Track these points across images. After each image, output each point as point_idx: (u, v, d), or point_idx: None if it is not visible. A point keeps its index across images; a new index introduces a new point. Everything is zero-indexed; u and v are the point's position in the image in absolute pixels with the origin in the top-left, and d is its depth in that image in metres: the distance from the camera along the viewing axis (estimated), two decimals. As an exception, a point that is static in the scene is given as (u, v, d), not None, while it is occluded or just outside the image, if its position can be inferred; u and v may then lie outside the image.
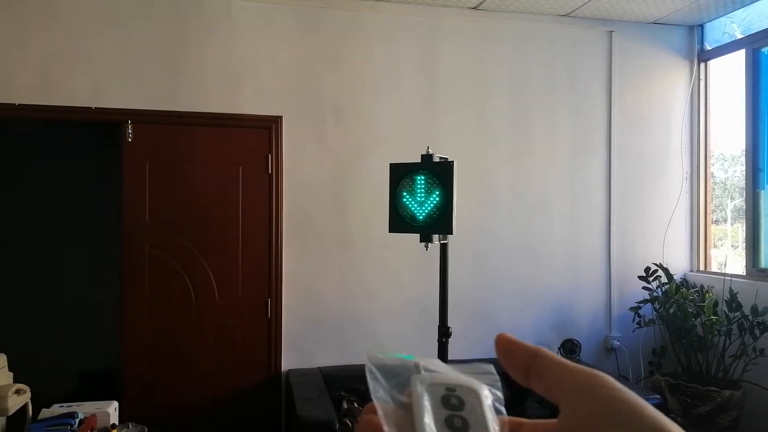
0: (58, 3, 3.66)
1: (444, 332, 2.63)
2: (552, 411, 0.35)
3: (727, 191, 4.74)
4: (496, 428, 0.35)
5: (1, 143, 5.07)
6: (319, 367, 3.96)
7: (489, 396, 0.36)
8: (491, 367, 0.38)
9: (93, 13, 3.70)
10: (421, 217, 2.42)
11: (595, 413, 0.32)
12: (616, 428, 0.30)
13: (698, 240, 4.65)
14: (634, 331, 4.36)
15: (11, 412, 2.21)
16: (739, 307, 3.87)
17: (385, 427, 0.34)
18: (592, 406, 0.32)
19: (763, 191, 4.21)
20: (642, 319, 4.24)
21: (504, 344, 0.38)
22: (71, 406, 2.34)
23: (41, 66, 3.63)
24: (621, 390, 0.32)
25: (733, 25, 4.45)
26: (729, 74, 4.56)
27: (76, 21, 3.68)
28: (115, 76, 3.73)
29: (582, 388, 0.33)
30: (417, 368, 0.37)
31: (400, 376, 0.37)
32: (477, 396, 0.36)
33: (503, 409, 0.36)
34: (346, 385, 3.70)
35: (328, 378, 3.78)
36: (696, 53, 4.67)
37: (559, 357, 0.36)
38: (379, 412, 0.35)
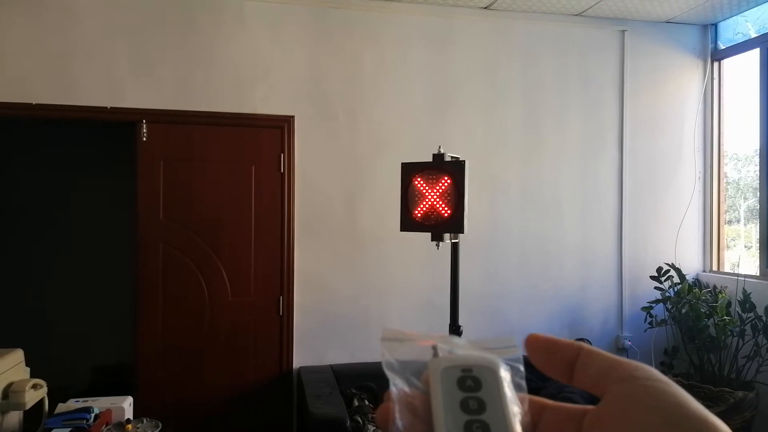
0: (75, 5, 3.70)
1: (455, 331, 2.64)
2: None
3: (740, 191, 4.71)
4: (515, 408, 0.34)
5: (17, 143, 5.13)
6: (330, 365, 3.98)
7: (507, 373, 0.36)
8: (513, 339, 0.38)
9: (108, 14, 3.74)
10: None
11: (638, 403, 0.31)
12: (660, 419, 0.30)
13: (711, 240, 4.62)
14: (645, 331, 4.34)
15: (28, 406, 2.24)
16: (753, 307, 3.85)
17: (398, 418, 0.34)
18: (636, 396, 0.31)
19: (777, 191, 4.18)
20: (654, 319, 4.22)
21: (542, 343, 0.37)
22: (87, 401, 2.37)
23: (58, 66, 3.67)
24: (666, 382, 0.32)
25: (747, 24, 4.42)
26: (743, 73, 4.52)
27: (91, 22, 3.72)
28: (130, 76, 3.77)
29: (626, 378, 0.33)
30: (434, 351, 0.37)
31: (417, 362, 0.36)
32: (494, 375, 0.35)
33: (524, 384, 0.36)
34: (357, 382, 3.72)
35: (339, 375, 3.81)
36: (709, 52, 4.64)
37: (601, 350, 0.36)
38: (393, 400, 0.34)
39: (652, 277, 4.24)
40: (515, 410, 0.34)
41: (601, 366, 0.34)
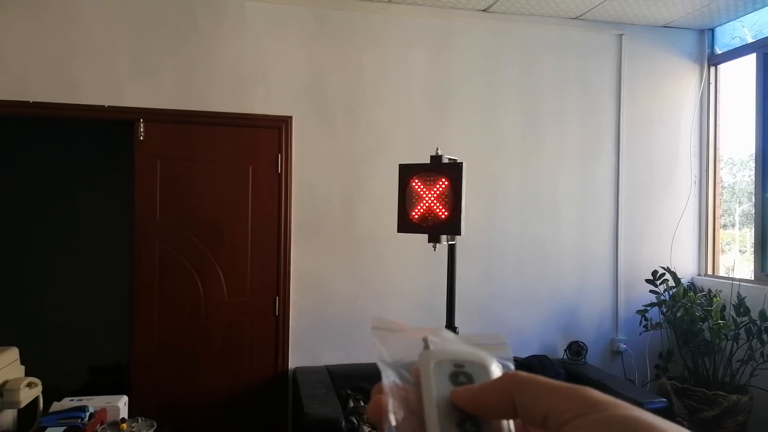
0: (75, 4, 3.69)
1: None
2: None
3: (735, 196, 4.73)
4: None
5: (15, 141, 5.12)
6: (326, 366, 3.98)
7: (499, 370, 0.36)
8: (503, 337, 0.37)
9: (108, 13, 3.74)
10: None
11: None
12: None
13: (706, 244, 4.64)
14: (640, 334, 4.35)
15: (23, 404, 2.24)
16: (747, 311, 3.86)
17: (391, 411, 0.33)
18: (603, 428, 0.31)
19: (772, 196, 4.20)
20: (649, 322, 4.23)
21: (468, 401, 0.34)
22: (82, 399, 2.37)
23: (57, 65, 3.67)
24: (628, 408, 0.32)
25: (744, 29, 4.44)
26: (739, 78, 4.54)
27: (91, 21, 3.72)
28: (128, 74, 3.76)
29: (584, 412, 0.32)
30: (425, 343, 0.37)
31: (409, 354, 0.36)
32: (486, 371, 0.35)
33: None
34: (353, 383, 3.72)
35: (334, 376, 3.81)
36: (706, 57, 4.66)
37: (535, 379, 0.34)
38: (386, 393, 0.34)
39: (648, 281, 4.25)
40: None
41: (545, 403, 0.33)
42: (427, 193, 2.44)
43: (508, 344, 0.37)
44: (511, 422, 0.35)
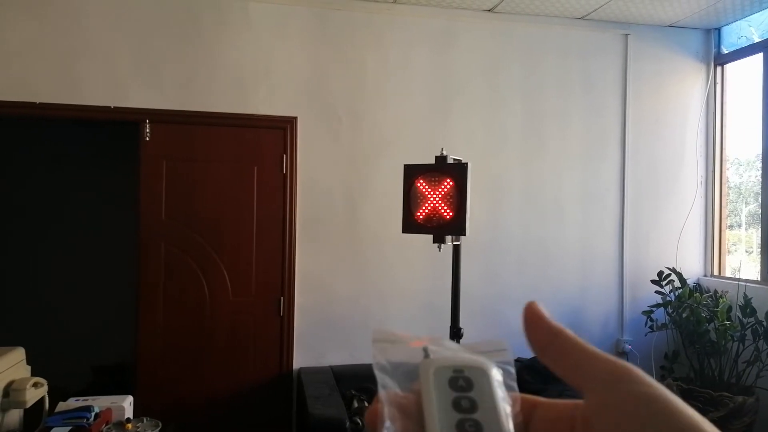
0: (80, 4, 3.71)
1: (455, 333, 2.64)
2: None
3: (741, 196, 4.71)
4: (507, 407, 0.34)
5: (21, 142, 5.15)
6: (330, 366, 3.99)
7: (498, 374, 0.36)
8: (503, 343, 0.38)
9: (113, 14, 3.75)
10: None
11: (627, 411, 0.30)
12: (651, 429, 0.29)
13: (712, 245, 4.62)
14: (646, 335, 4.34)
15: (29, 404, 2.25)
16: (754, 312, 3.84)
17: (387, 419, 0.33)
18: (624, 404, 0.30)
19: (778, 196, 4.17)
20: (654, 323, 4.22)
21: (530, 316, 0.36)
22: (87, 399, 2.37)
23: (62, 65, 3.68)
24: (653, 386, 0.30)
25: (751, 29, 4.42)
26: (746, 78, 4.52)
27: (96, 22, 3.73)
28: (134, 76, 3.77)
29: (610, 381, 0.31)
30: (425, 352, 0.37)
31: (409, 364, 0.36)
32: (486, 375, 0.35)
33: (515, 385, 0.35)
34: (357, 383, 3.72)
35: (339, 377, 3.81)
36: (712, 57, 4.64)
37: (579, 339, 0.34)
38: (382, 401, 0.34)
39: (653, 281, 4.23)
40: (507, 409, 0.34)
41: (577, 359, 0.33)
42: (431, 193, 2.43)
43: (509, 349, 0.37)
44: (511, 421, 0.34)
